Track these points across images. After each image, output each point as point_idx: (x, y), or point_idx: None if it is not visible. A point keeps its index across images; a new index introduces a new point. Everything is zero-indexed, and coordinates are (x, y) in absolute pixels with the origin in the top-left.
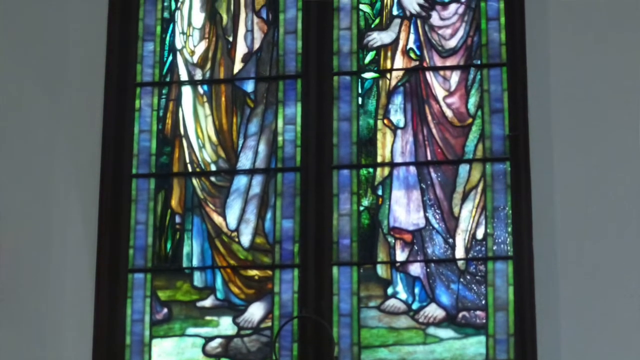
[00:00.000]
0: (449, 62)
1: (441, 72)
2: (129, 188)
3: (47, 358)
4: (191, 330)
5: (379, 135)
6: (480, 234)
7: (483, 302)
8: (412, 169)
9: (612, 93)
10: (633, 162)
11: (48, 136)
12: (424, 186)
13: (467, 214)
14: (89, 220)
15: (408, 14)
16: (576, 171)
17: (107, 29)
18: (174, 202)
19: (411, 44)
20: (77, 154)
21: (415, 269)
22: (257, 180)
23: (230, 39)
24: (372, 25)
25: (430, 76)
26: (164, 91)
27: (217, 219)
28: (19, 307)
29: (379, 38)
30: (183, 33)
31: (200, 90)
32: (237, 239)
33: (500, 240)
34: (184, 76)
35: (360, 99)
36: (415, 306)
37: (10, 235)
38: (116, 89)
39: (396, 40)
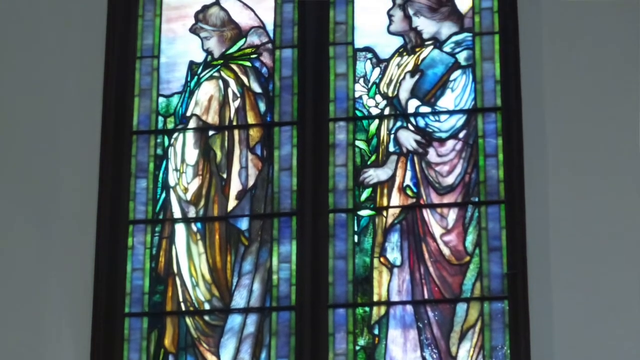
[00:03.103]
0: (447, 200)
1: (438, 210)
2: (121, 327)
3: None
4: None
5: (375, 274)
6: None
7: None
8: (409, 307)
9: (612, 232)
10: (633, 303)
11: (39, 274)
12: (420, 325)
13: (464, 353)
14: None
15: (405, 150)
16: (576, 311)
17: (99, 166)
18: (167, 342)
19: (408, 181)
20: (69, 293)
21: None
22: (252, 320)
23: (225, 175)
24: (368, 162)
25: (427, 214)
26: (157, 229)
27: (211, 358)
28: None
29: (375, 175)
30: (176, 170)
31: (194, 228)
32: None
33: None
34: (177, 214)
35: (356, 237)
36: None
37: None
38: (108, 227)
39: (393, 177)
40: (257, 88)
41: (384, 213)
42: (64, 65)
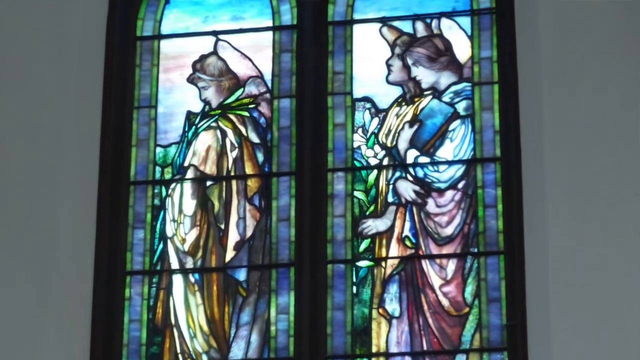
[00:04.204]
0: (445, 250)
1: (437, 261)
2: None
3: None
4: None
5: (374, 325)
6: None
7: None
8: (408, 359)
9: (612, 284)
10: (634, 356)
11: (36, 325)
12: None
13: None
14: None
15: (403, 201)
16: None
17: (96, 216)
18: None
19: (407, 232)
20: (66, 344)
21: None
22: None
23: (222, 226)
24: (367, 213)
25: (426, 264)
26: (154, 280)
27: None
28: None
29: (374, 225)
30: (174, 220)
31: (192, 278)
32: None
33: None
34: (174, 264)
35: (354, 288)
36: None
37: None
38: (106, 278)
39: (391, 228)
40: (255, 138)
41: (383, 264)
42: (61, 115)
